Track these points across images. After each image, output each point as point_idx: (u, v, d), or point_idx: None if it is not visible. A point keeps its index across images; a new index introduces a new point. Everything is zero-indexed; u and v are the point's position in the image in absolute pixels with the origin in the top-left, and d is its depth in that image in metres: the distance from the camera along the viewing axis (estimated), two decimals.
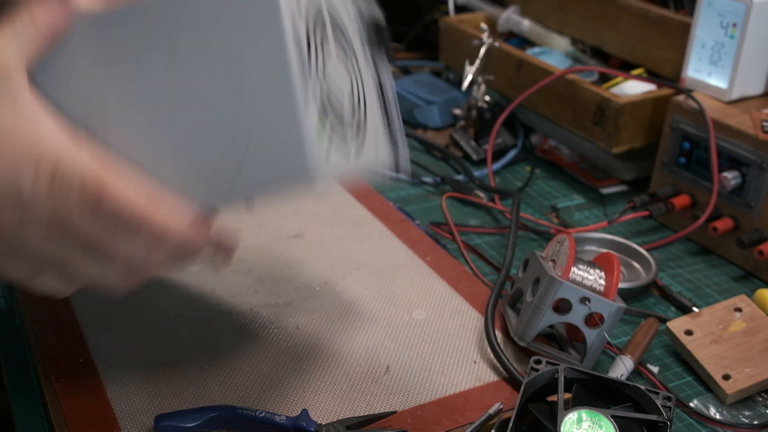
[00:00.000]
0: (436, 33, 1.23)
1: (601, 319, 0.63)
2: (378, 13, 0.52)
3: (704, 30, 0.87)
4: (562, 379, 0.58)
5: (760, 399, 0.67)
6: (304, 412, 0.56)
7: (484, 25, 1.07)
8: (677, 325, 0.71)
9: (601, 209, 0.96)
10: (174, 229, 0.45)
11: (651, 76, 0.98)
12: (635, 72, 0.99)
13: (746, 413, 0.65)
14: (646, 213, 0.87)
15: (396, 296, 0.72)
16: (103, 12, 0.47)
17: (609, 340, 0.64)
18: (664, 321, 0.73)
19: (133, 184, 0.44)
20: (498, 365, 0.64)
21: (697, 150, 0.86)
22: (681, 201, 0.87)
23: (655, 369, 0.69)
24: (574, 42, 1.11)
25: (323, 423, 0.56)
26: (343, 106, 0.49)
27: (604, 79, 1.03)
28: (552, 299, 0.63)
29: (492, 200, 0.93)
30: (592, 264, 0.67)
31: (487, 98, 1.05)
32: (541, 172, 1.03)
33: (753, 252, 0.81)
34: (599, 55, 1.10)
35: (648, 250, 0.84)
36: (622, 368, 0.65)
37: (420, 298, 0.73)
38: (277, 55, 0.44)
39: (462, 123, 1.07)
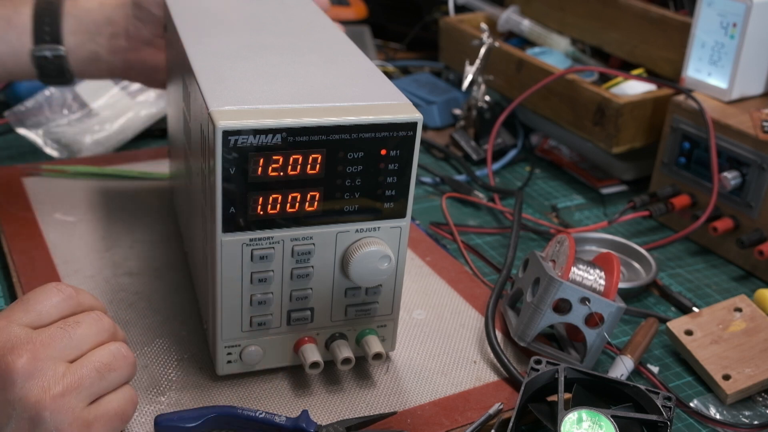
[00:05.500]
0: (436, 33, 1.23)
1: (601, 319, 0.63)
2: None
3: (704, 30, 0.87)
4: (562, 379, 0.58)
5: (760, 399, 0.66)
6: (304, 412, 0.56)
7: (484, 25, 1.07)
8: (677, 325, 0.71)
9: (601, 209, 0.96)
10: None
11: (651, 76, 0.98)
12: (635, 72, 0.99)
13: (746, 413, 0.65)
14: (646, 213, 0.87)
15: None
16: None
17: (609, 340, 0.64)
18: (664, 321, 0.73)
19: None
20: (498, 365, 0.64)
21: (697, 150, 0.86)
22: (681, 201, 0.87)
23: (655, 369, 0.69)
24: (574, 42, 1.11)
25: (323, 423, 0.56)
26: None
27: (604, 79, 1.03)
28: (552, 299, 0.63)
29: (492, 200, 0.93)
30: (592, 264, 0.67)
31: (487, 98, 1.05)
32: (541, 172, 1.03)
33: (753, 252, 0.81)
34: (599, 55, 1.10)
35: (648, 250, 0.84)
36: (622, 368, 0.65)
37: (420, 298, 0.73)
38: None
39: (462, 123, 1.07)
